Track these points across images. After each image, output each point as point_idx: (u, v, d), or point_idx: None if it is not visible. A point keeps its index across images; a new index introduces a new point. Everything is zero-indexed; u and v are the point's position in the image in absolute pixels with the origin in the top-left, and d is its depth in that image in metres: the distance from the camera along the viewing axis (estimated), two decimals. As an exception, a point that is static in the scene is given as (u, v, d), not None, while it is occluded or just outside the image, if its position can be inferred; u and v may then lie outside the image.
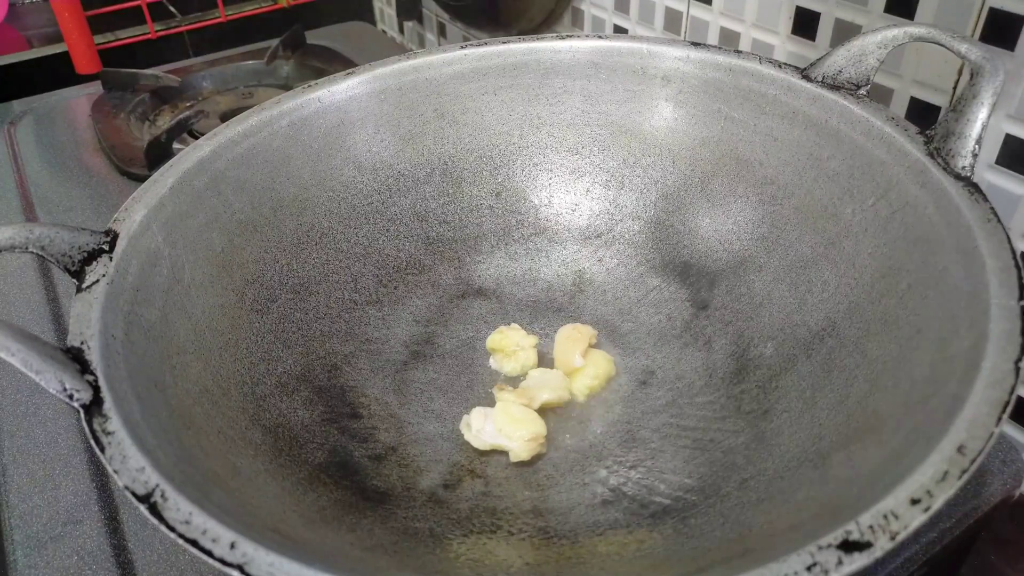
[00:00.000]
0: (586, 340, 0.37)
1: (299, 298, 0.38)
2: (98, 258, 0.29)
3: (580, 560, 0.28)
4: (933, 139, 0.30)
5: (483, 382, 0.38)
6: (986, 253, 0.26)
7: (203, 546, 0.20)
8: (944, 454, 0.20)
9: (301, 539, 0.24)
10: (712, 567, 0.22)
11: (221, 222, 0.35)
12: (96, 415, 0.23)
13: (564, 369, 0.37)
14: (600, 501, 0.31)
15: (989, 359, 0.22)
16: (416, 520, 0.31)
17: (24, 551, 0.34)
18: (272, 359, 0.35)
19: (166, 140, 0.62)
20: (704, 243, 0.40)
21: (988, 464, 0.36)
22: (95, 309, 0.27)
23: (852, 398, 0.29)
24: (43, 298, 0.50)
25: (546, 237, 0.45)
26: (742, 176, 0.39)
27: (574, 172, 0.44)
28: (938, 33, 0.31)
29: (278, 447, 0.31)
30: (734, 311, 0.38)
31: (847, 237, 0.33)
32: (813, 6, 0.43)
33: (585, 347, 0.37)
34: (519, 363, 0.38)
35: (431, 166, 0.44)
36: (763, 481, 0.28)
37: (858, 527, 0.19)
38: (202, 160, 0.35)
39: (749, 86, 0.38)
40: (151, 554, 0.34)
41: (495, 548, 0.29)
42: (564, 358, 0.37)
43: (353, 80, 0.41)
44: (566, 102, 0.43)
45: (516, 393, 0.35)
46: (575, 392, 0.36)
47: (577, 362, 0.36)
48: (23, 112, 0.75)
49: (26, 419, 0.41)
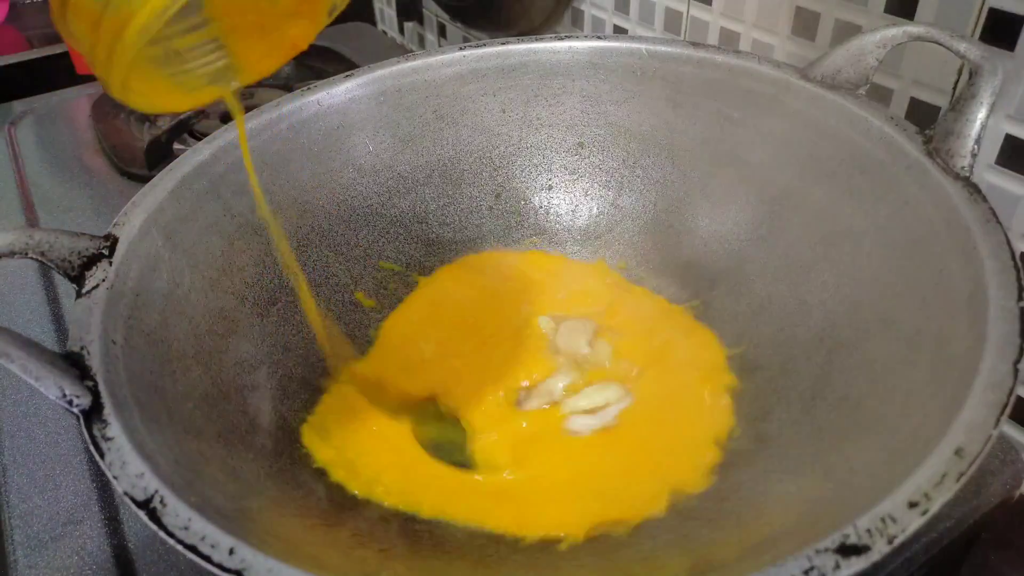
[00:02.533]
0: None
1: (299, 301, 0.38)
2: (98, 263, 0.29)
3: (579, 563, 0.28)
4: (932, 139, 0.30)
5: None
6: (985, 254, 0.25)
7: (202, 552, 0.20)
8: (942, 456, 0.20)
9: (300, 544, 0.24)
10: (710, 571, 0.22)
11: (221, 226, 0.36)
12: (95, 421, 0.23)
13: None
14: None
15: (988, 361, 0.22)
16: (417, 523, 0.31)
17: (24, 551, 0.34)
18: (273, 363, 0.35)
19: (166, 141, 0.62)
20: (704, 243, 0.40)
21: (988, 464, 0.36)
22: (95, 314, 0.27)
23: (851, 399, 0.29)
24: (43, 301, 0.50)
25: (546, 238, 0.45)
26: (741, 176, 0.39)
27: (574, 173, 0.44)
28: (937, 32, 0.31)
29: (278, 451, 0.32)
30: (734, 312, 0.38)
31: (846, 238, 0.33)
32: (813, 6, 0.43)
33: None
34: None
35: (431, 168, 0.44)
36: (761, 484, 0.29)
37: (855, 531, 0.19)
38: (202, 164, 0.35)
39: (748, 86, 0.38)
40: (151, 555, 0.34)
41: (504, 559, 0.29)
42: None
43: (352, 82, 0.41)
44: (565, 103, 0.43)
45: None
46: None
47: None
48: (23, 112, 0.75)
49: (26, 419, 0.41)
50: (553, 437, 0.34)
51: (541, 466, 0.33)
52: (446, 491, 0.32)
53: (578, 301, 0.41)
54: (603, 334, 0.38)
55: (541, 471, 0.33)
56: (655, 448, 0.33)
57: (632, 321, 0.39)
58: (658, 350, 0.38)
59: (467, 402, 0.36)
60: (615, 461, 0.33)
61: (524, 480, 0.33)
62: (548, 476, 0.33)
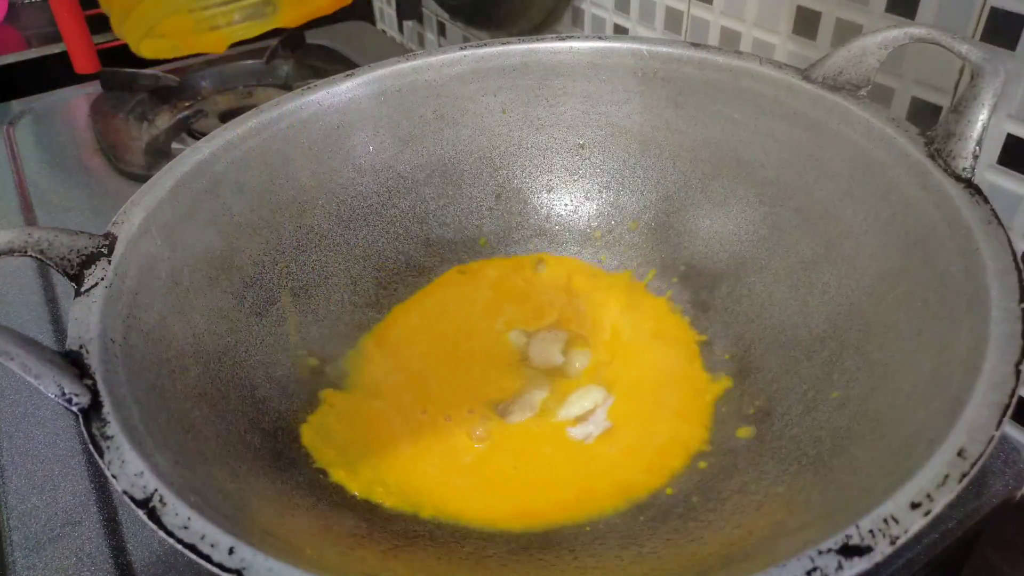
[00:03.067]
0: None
1: (298, 300, 0.38)
2: (97, 262, 0.29)
3: (580, 564, 0.28)
4: (934, 140, 0.30)
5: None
6: (987, 255, 0.25)
7: (201, 551, 0.20)
8: (944, 458, 0.20)
9: (300, 544, 0.24)
10: (712, 571, 0.22)
11: (220, 225, 0.35)
12: (95, 419, 0.23)
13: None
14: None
15: (989, 362, 0.22)
16: (417, 523, 0.31)
17: (23, 552, 0.34)
18: (271, 362, 0.35)
19: (165, 140, 0.62)
20: (705, 244, 0.40)
21: (990, 465, 0.36)
22: (94, 313, 0.27)
23: (852, 401, 0.28)
24: (42, 300, 0.49)
25: (546, 239, 0.45)
26: (742, 177, 0.39)
27: (574, 173, 0.44)
28: (938, 34, 0.31)
29: (277, 450, 0.31)
30: (734, 313, 0.38)
31: (848, 239, 0.33)
32: (814, 6, 0.43)
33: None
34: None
35: (431, 168, 0.43)
36: (763, 485, 0.28)
37: (858, 531, 0.19)
38: (201, 163, 0.35)
39: (749, 87, 0.38)
40: (150, 555, 0.34)
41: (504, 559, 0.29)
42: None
43: (352, 82, 0.41)
44: (566, 103, 0.43)
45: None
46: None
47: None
48: (22, 112, 0.75)
49: (25, 420, 0.41)
50: (550, 441, 0.34)
51: (541, 467, 0.33)
52: (446, 492, 0.32)
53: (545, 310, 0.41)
54: (575, 342, 0.39)
55: (541, 472, 0.33)
56: (651, 446, 0.33)
57: (602, 322, 0.40)
58: (634, 347, 0.38)
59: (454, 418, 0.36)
60: (615, 461, 0.33)
61: (525, 480, 0.33)
62: (548, 476, 0.33)
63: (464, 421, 0.35)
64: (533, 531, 0.30)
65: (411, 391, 0.37)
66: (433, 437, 0.35)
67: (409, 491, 0.32)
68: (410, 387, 0.37)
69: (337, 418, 0.35)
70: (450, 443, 0.34)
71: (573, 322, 0.40)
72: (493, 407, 0.36)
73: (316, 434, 0.34)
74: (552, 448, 0.34)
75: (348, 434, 0.34)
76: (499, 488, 0.32)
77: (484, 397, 0.36)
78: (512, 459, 0.33)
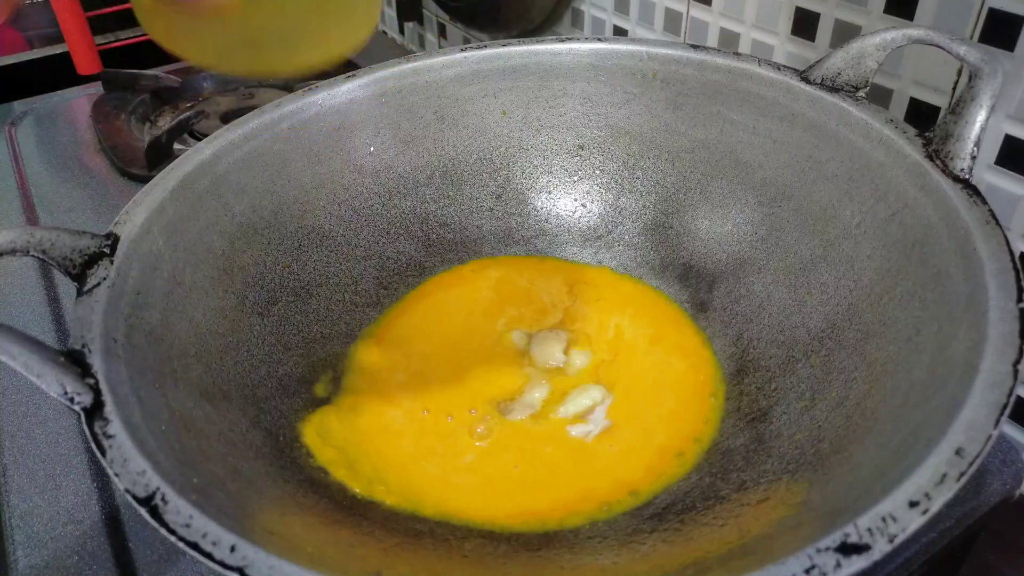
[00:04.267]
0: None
1: (300, 300, 0.38)
2: (99, 261, 0.29)
3: (579, 562, 0.28)
4: (932, 141, 0.30)
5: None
6: (985, 255, 0.26)
7: (204, 549, 0.20)
8: (942, 456, 0.20)
9: (301, 542, 0.24)
10: (711, 569, 0.22)
11: (222, 225, 0.36)
12: (97, 418, 0.24)
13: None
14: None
15: (987, 361, 0.22)
16: (418, 522, 0.31)
17: (25, 551, 0.34)
18: (273, 362, 0.35)
19: (166, 141, 0.62)
20: (703, 245, 0.40)
21: (988, 464, 0.36)
22: (96, 312, 0.27)
23: (851, 400, 0.29)
24: (44, 300, 0.50)
25: (546, 239, 0.45)
26: (741, 178, 0.39)
27: (574, 174, 0.44)
28: (936, 35, 0.31)
29: (279, 450, 0.32)
30: (733, 313, 0.38)
31: (846, 239, 0.33)
32: (813, 7, 0.43)
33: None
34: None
35: (431, 168, 0.44)
36: (762, 483, 0.29)
37: (856, 530, 0.19)
38: (203, 163, 0.35)
39: (748, 88, 0.38)
40: (151, 554, 0.34)
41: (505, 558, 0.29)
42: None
43: (353, 83, 0.41)
44: (566, 104, 0.43)
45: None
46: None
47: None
48: (24, 113, 0.75)
49: (27, 419, 0.41)
50: (551, 441, 0.35)
51: (542, 466, 0.33)
52: (447, 490, 0.32)
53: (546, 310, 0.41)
54: (576, 342, 0.39)
55: (542, 471, 0.33)
56: (650, 445, 0.33)
57: (603, 322, 0.40)
58: (634, 347, 0.39)
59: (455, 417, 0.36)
60: (614, 459, 0.33)
61: (526, 479, 0.33)
62: (549, 475, 0.33)
63: (465, 420, 0.35)
64: (533, 529, 0.30)
65: (412, 390, 0.37)
66: (434, 436, 0.35)
67: (410, 489, 0.32)
68: (411, 386, 0.37)
69: (338, 417, 0.35)
70: (451, 442, 0.34)
71: (574, 322, 0.40)
72: (494, 406, 0.36)
73: (317, 433, 0.34)
74: (553, 447, 0.34)
75: (349, 433, 0.34)
76: (500, 487, 0.33)
77: (485, 396, 0.36)
78: (513, 458, 0.34)
